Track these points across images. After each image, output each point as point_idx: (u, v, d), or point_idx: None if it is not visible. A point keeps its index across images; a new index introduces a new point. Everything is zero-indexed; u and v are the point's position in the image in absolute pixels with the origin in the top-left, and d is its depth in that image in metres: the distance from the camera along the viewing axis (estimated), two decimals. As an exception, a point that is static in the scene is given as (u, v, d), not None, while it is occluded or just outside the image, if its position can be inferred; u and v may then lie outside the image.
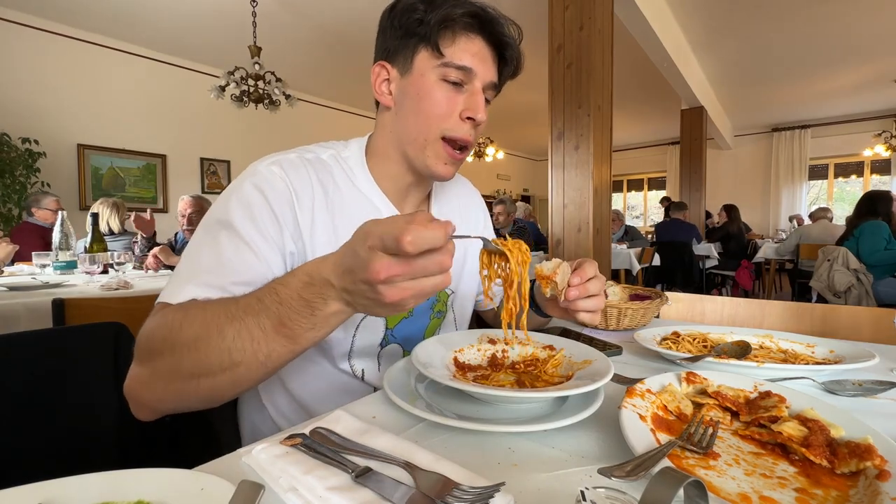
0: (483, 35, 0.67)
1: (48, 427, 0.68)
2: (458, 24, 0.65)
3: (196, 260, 0.59)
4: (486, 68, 0.68)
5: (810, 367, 0.64)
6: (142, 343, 0.53)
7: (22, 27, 4.19)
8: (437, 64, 0.65)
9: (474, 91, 0.67)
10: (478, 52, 0.67)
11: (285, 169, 0.65)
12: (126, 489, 0.33)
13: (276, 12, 4.21)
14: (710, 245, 5.49)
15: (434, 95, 0.66)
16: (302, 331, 0.48)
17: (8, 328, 1.33)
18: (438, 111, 0.66)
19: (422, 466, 0.38)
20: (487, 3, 0.68)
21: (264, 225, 0.61)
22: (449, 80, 0.66)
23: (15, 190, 3.87)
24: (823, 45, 5.18)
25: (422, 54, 0.66)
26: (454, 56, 0.65)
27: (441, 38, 0.65)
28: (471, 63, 0.66)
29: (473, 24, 0.66)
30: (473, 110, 0.67)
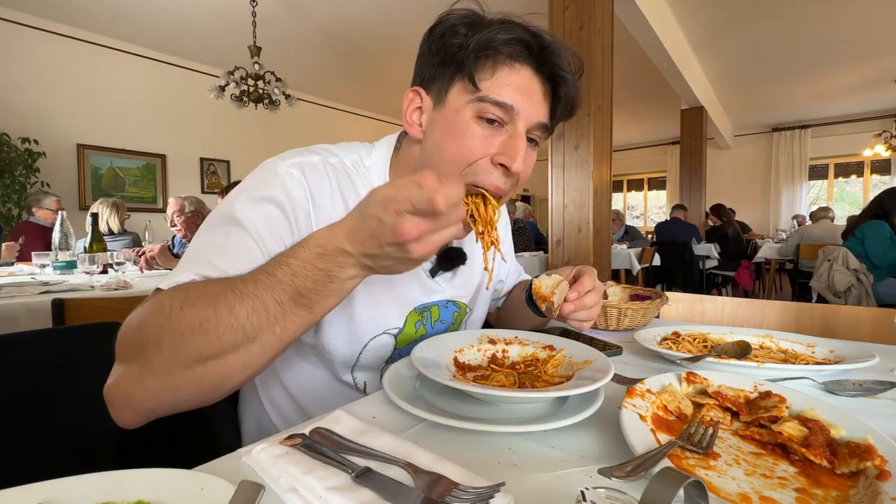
0: (532, 66, 0.57)
1: (48, 427, 0.68)
2: (500, 52, 0.55)
3: (198, 251, 0.55)
4: (534, 106, 0.58)
5: (810, 367, 0.64)
6: (129, 337, 0.49)
7: (22, 27, 4.19)
8: (471, 98, 0.56)
9: (514, 133, 0.57)
10: (523, 86, 0.56)
11: (306, 174, 0.61)
12: (126, 489, 0.33)
13: (276, 12, 4.21)
14: (710, 245, 5.50)
15: (464, 135, 0.57)
16: (319, 299, 0.48)
17: (8, 328, 1.33)
18: (466, 154, 0.57)
19: (422, 466, 0.38)
20: (542, 29, 0.57)
21: (276, 228, 0.57)
22: (485, 118, 0.56)
23: (15, 190, 3.87)
24: (824, 45, 5.19)
25: (458, 86, 0.58)
26: (491, 90, 0.56)
27: (478, 68, 0.56)
28: (512, 99, 0.56)
29: (520, 52, 0.56)
30: (508, 156, 0.57)
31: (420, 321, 0.73)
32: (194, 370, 0.46)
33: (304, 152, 0.64)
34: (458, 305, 0.78)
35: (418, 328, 0.73)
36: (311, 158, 0.63)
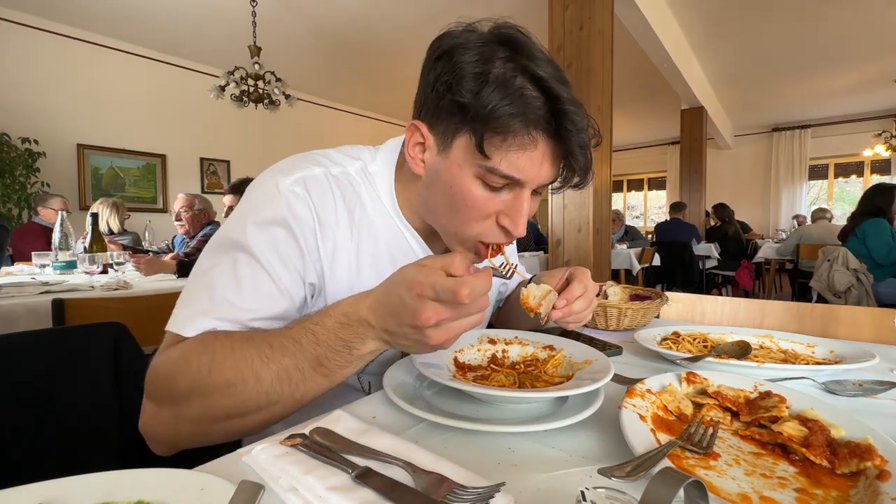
0: (547, 135, 0.52)
1: (48, 427, 0.68)
2: (516, 128, 0.50)
3: (211, 287, 0.54)
4: (543, 172, 0.54)
5: (810, 367, 0.64)
6: (159, 385, 0.51)
7: (21, 27, 4.19)
8: (478, 162, 0.53)
9: (519, 196, 0.55)
10: (534, 159, 0.52)
11: (310, 191, 0.59)
12: (126, 489, 0.33)
13: (275, 12, 4.21)
14: (710, 245, 5.50)
15: (468, 196, 0.55)
16: (338, 368, 0.49)
17: (8, 328, 1.33)
18: (471, 215, 0.56)
19: (422, 466, 0.38)
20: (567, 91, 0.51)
21: (286, 253, 0.56)
22: (488, 183, 0.54)
23: (15, 190, 3.87)
24: (824, 45, 5.18)
25: (463, 140, 0.53)
26: (501, 163, 0.52)
27: (489, 137, 0.51)
28: (521, 174, 0.52)
29: (536, 121, 0.51)
30: (512, 220, 0.56)
31: None
32: (221, 424, 0.51)
33: (306, 164, 0.62)
34: None
35: None
36: (314, 171, 0.61)
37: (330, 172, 0.62)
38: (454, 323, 0.44)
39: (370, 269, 0.64)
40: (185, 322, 0.53)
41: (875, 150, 7.42)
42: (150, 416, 0.52)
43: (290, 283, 0.57)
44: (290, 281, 0.57)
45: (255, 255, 0.55)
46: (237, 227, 0.57)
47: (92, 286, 1.71)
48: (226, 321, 0.53)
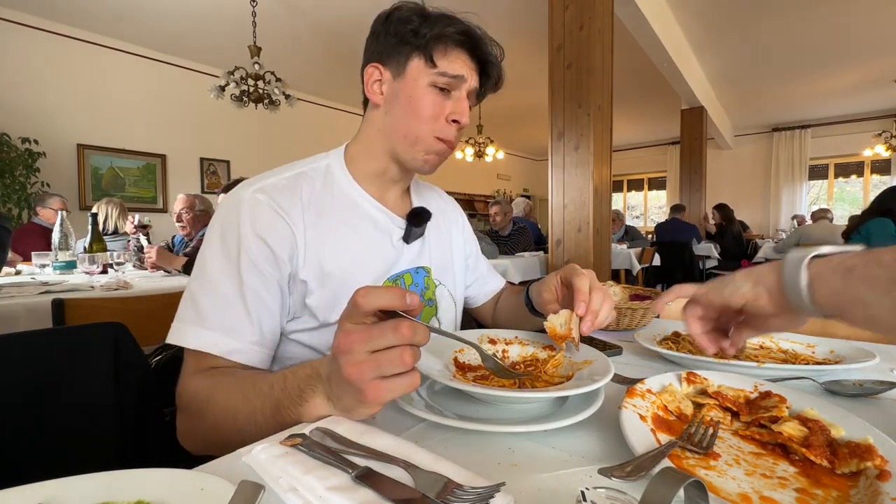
0: (469, 51, 0.73)
1: (48, 427, 0.68)
2: (451, 39, 0.71)
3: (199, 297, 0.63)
4: (472, 78, 0.75)
5: (810, 367, 0.64)
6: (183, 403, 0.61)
7: (21, 27, 4.19)
8: (430, 72, 0.71)
9: (460, 98, 0.74)
10: (466, 64, 0.74)
11: (270, 194, 0.68)
12: (126, 489, 0.33)
13: (276, 12, 4.21)
14: (710, 245, 5.50)
15: (425, 100, 0.72)
16: (293, 418, 0.48)
17: (8, 328, 1.33)
18: (428, 113, 0.72)
19: (422, 466, 0.38)
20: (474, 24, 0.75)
21: (258, 258, 0.64)
22: (438, 87, 0.72)
23: (15, 190, 3.87)
24: (824, 45, 5.19)
25: (415, 62, 0.71)
26: (448, 67, 0.71)
27: (435, 51, 0.71)
28: (461, 71, 0.72)
29: (464, 41, 0.72)
30: (460, 114, 0.73)
31: None
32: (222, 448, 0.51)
33: (261, 178, 0.72)
34: (426, 270, 0.83)
35: None
36: (269, 181, 0.71)
37: (283, 177, 0.73)
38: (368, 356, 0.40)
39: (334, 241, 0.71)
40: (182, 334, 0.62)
41: (875, 150, 7.42)
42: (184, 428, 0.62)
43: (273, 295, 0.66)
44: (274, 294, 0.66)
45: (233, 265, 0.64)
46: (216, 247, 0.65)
47: (92, 286, 1.71)
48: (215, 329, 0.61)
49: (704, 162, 6.79)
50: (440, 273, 0.86)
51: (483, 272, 1.02)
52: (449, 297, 0.87)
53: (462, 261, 0.95)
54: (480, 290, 1.01)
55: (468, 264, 0.98)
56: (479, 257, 1.03)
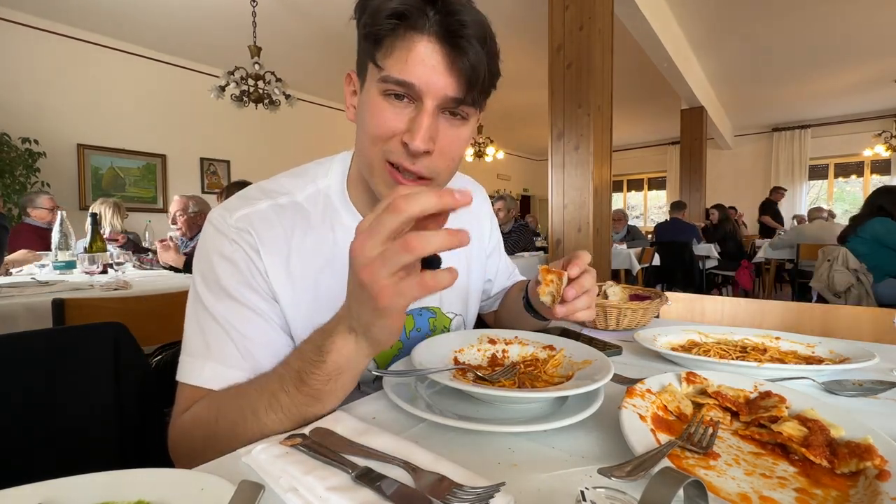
0: (427, 34, 0.51)
1: (48, 427, 0.68)
2: (392, 21, 0.50)
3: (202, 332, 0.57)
4: (439, 79, 0.52)
5: (810, 367, 0.64)
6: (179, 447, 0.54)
7: (22, 27, 4.19)
8: (378, 77, 0.53)
9: (420, 110, 0.53)
10: (424, 60, 0.51)
11: (255, 227, 0.60)
12: (126, 489, 0.33)
13: (276, 12, 4.21)
14: (710, 245, 5.50)
15: (374, 112, 0.55)
16: (320, 384, 0.45)
17: (8, 328, 1.33)
18: (377, 131, 0.55)
19: (422, 466, 0.38)
20: None
21: (255, 281, 0.59)
22: (395, 95, 0.54)
23: (15, 190, 3.88)
24: (823, 45, 5.19)
25: (370, 65, 0.55)
26: (392, 67, 0.52)
27: (378, 47, 0.52)
28: (411, 75, 0.51)
29: (415, 20, 0.50)
30: (410, 133, 0.53)
31: None
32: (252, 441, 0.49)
33: (251, 200, 0.62)
34: (433, 311, 0.76)
35: None
36: (259, 206, 0.62)
37: (277, 204, 0.63)
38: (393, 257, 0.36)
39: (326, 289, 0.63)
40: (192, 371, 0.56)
41: (875, 150, 7.43)
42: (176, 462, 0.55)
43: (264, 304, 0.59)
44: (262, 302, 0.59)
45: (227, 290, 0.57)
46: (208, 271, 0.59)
47: (92, 286, 1.71)
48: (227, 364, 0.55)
49: (704, 162, 6.79)
50: (454, 304, 0.79)
51: (505, 280, 0.96)
52: (461, 325, 0.82)
53: (479, 278, 0.87)
54: (500, 297, 0.97)
55: (490, 278, 0.93)
56: (503, 266, 0.96)
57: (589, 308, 0.62)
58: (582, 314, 0.62)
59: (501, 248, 0.97)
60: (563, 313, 0.61)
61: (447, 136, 0.56)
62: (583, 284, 0.60)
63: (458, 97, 0.53)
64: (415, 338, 0.74)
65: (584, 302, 0.61)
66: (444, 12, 0.50)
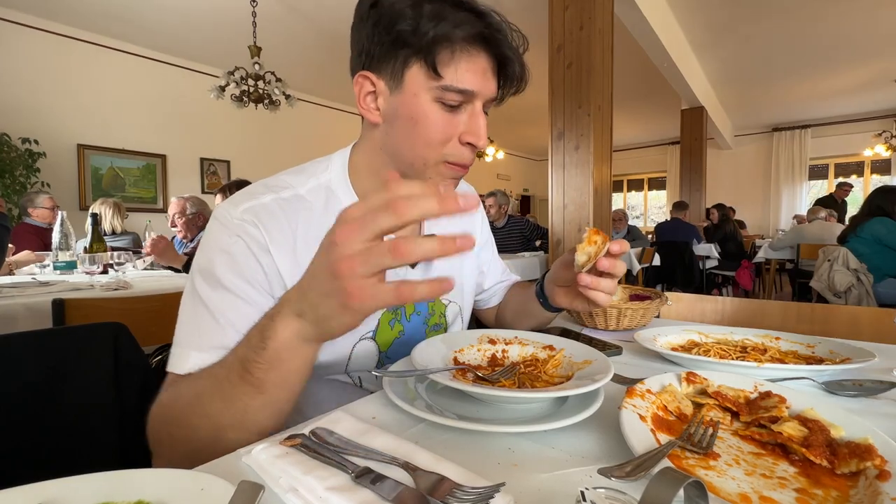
0: (485, 49, 0.59)
1: (48, 427, 0.68)
2: (461, 41, 0.57)
3: (194, 321, 0.57)
4: (489, 85, 0.60)
5: (810, 367, 0.64)
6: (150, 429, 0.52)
7: (22, 27, 4.19)
8: (433, 85, 0.57)
9: (475, 113, 0.60)
10: (480, 70, 0.59)
11: (260, 219, 0.60)
12: (126, 489, 0.33)
13: (276, 12, 4.21)
14: (710, 245, 5.50)
15: (430, 119, 0.59)
16: (262, 373, 0.44)
17: (8, 328, 1.33)
18: (437, 137, 0.60)
19: (422, 467, 0.38)
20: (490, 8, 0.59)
21: (251, 274, 0.58)
22: (446, 103, 0.59)
23: (15, 190, 3.88)
24: (824, 44, 5.19)
25: (414, 69, 0.58)
26: (455, 79, 0.57)
27: (439, 57, 0.56)
28: (472, 84, 0.58)
29: (474, 37, 0.57)
30: (475, 135, 0.60)
31: (394, 318, 0.72)
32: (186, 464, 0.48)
33: (255, 194, 0.63)
34: None
35: (393, 325, 0.72)
36: (263, 200, 0.62)
37: (280, 198, 0.64)
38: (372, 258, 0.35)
39: None
40: (176, 360, 0.55)
41: (875, 150, 7.43)
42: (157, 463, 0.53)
43: (259, 298, 0.58)
44: (258, 297, 0.58)
45: (224, 284, 0.57)
46: (205, 262, 0.59)
47: (92, 286, 1.71)
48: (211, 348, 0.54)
49: (704, 162, 6.79)
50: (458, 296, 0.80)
51: (499, 274, 0.97)
52: (457, 314, 0.83)
53: (473, 270, 0.88)
54: (496, 293, 0.98)
55: (483, 270, 0.94)
56: (495, 260, 0.98)
57: (609, 294, 0.62)
58: (601, 296, 0.62)
59: (493, 242, 0.98)
60: (587, 282, 0.61)
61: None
62: (615, 265, 0.60)
63: (496, 98, 0.63)
64: (415, 321, 0.75)
65: (608, 285, 0.61)
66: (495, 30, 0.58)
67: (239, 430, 0.46)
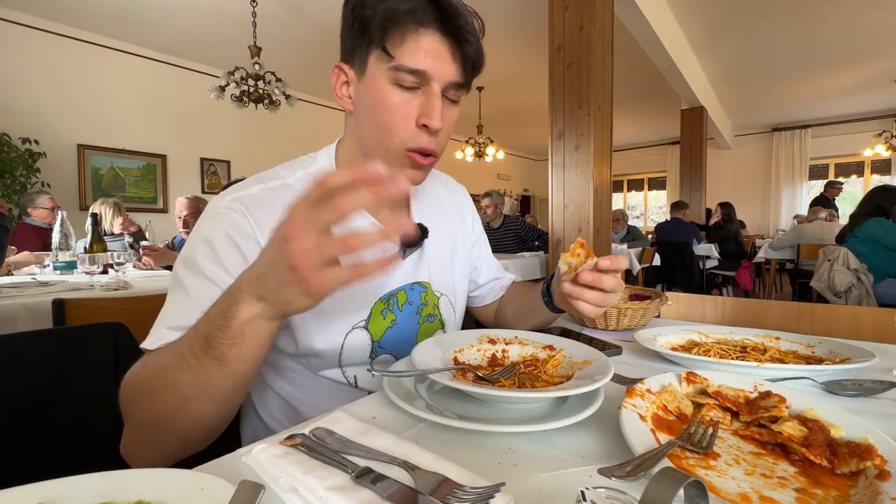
0: (437, 28, 0.58)
1: (48, 427, 0.68)
2: (405, 20, 0.56)
3: (172, 305, 0.59)
4: (445, 66, 0.59)
5: (810, 367, 0.64)
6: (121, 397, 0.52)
7: (22, 27, 4.20)
8: (387, 67, 0.58)
9: (430, 94, 0.60)
10: (432, 50, 0.58)
11: (248, 207, 0.62)
12: (126, 489, 0.33)
13: (276, 12, 4.21)
14: (710, 245, 5.50)
15: (387, 103, 0.60)
16: (225, 348, 0.45)
17: (8, 328, 1.33)
18: (393, 120, 0.60)
19: (422, 467, 0.38)
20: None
21: (228, 261, 0.59)
22: (402, 85, 0.59)
23: (15, 190, 3.88)
24: (824, 44, 5.19)
25: (374, 55, 0.59)
26: (404, 57, 0.57)
27: (389, 38, 0.57)
28: (423, 64, 0.58)
29: (424, 18, 0.57)
30: (427, 115, 0.60)
31: (386, 308, 0.72)
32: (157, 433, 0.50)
33: (244, 186, 0.65)
34: (423, 285, 0.77)
35: (385, 315, 0.72)
36: (250, 191, 0.64)
37: (268, 188, 0.65)
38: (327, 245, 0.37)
39: None
40: (149, 337, 0.57)
41: (875, 150, 7.42)
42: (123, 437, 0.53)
43: None
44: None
45: (199, 267, 0.58)
46: (187, 249, 0.61)
47: (92, 286, 1.71)
48: (176, 328, 0.55)
49: (704, 162, 6.79)
50: (442, 285, 0.80)
51: (494, 271, 0.97)
52: (449, 306, 0.82)
53: (465, 264, 0.88)
54: (491, 290, 0.97)
55: (476, 266, 0.93)
56: (488, 256, 0.98)
57: (596, 306, 0.62)
58: (584, 306, 0.61)
59: (485, 239, 0.98)
60: (566, 290, 0.61)
61: (447, 115, 0.64)
62: (601, 280, 0.59)
63: (459, 82, 0.62)
64: (408, 311, 0.75)
65: (593, 296, 0.61)
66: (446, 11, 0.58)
67: (204, 400, 0.48)
